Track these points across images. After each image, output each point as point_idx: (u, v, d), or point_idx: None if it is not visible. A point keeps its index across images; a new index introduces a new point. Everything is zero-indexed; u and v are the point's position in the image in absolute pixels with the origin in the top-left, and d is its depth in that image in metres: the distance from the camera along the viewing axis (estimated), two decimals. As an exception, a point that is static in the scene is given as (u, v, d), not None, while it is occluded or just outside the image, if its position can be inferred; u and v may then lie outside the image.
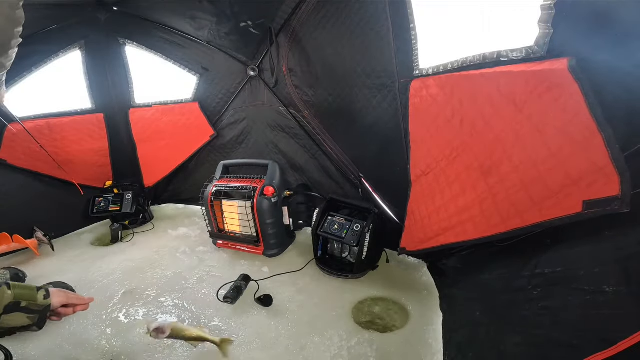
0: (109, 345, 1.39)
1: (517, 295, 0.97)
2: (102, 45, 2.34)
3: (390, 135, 1.67)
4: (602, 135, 0.75)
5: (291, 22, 1.85)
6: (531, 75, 0.93)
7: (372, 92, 1.69)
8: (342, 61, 1.75)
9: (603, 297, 0.72)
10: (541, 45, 0.91)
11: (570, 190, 0.84)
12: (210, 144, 2.53)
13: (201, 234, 2.39)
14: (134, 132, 2.62)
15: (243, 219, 1.98)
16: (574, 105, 0.81)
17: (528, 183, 0.97)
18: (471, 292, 1.28)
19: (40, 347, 1.37)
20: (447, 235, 1.34)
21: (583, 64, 0.80)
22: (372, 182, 1.93)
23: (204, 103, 2.43)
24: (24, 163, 2.16)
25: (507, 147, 1.05)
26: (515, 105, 1.00)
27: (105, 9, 2.22)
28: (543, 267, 0.92)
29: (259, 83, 2.20)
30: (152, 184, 2.72)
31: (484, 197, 1.15)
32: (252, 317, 1.53)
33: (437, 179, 1.41)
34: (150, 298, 1.69)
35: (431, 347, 1.28)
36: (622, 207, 0.72)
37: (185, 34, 2.23)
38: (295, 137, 2.19)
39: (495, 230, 1.09)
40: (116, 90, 2.52)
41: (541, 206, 0.92)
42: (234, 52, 2.17)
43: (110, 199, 2.54)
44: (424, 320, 1.42)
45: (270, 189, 1.94)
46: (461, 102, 1.22)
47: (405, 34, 1.42)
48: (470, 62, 1.17)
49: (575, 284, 0.80)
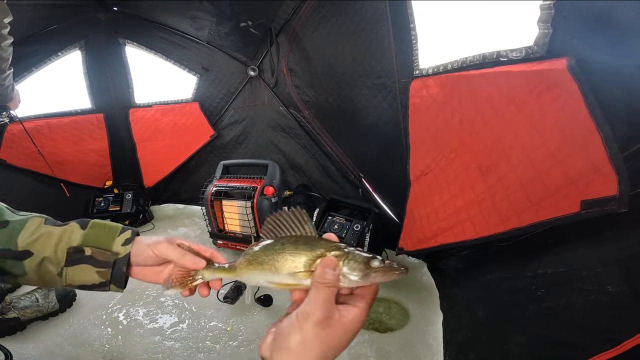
0: (109, 345, 1.39)
1: (521, 296, 0.97)
2: (102, 45, 2.34)
3: (391, 135, 1.67)
4: (601, 135, 0.75)
5: (291, 22, 1.85)
6: (531, 75, 0.93)
7: (372, 92, 1.69)
8: (342, 61, 1.75)
9: (607, 297, 0.72)
10: (541, 45, 0.91)
11: (568, 190, 0.84)
12: (210, 144, 2.53)
13: (201, 234, 2.39)
14: (134, 132, 2.62)
15: (243, 219, 1.98)
16: (573, 105, 0.81)
17: (526, 183, 0.97)
18: (472, 292, 1.28)
19: (40, 347, 1.37)
20: (446, 235, 1.34)
21: (582, 64, 0.80)
22: (372, 182, 1.93)
23: (204, 103, 2.43)
24: (24, 163, 2.16)
25: (505, 147, 1.05)
26: (514, 105, 1.00)
27: (105, 9, 2.22)
28: (545, 267, 0.92)
29: (259, 83, 2.21)
30: (152, 184, 2.72)
31: (482, 197, 1.15)
32: (252, 317, 1.53)
33: (436, 179, 1.41)
34: (150, 298, 1.69)
35: (431, 347, 1.28)
36: (619, 206, 0.72)
37: (185, 34, 2.23)
38: (295, 137, 2.19)
39: (494, 230, 1.09)
40: (116, 90, 2.52)
41: (539, 206, 0.92)
42: (234, 52, 2.17)
43: (110, 199, 2.54)
44: (424, 320, 1.42)
45: (270, 189, 1.95)
46: (461, 102, 1.22)
47: (405, 34, 1.42)
48: (470, 62, 1.17)
49: (578, 284, 0.80)
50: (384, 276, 0.42)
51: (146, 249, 0.59)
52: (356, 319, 0.40)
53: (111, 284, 0.60)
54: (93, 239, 0.59)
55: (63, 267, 0.58)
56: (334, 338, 0.38)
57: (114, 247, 0.59)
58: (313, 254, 0.45)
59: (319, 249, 0.45)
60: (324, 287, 0.40)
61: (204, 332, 1.47)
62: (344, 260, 0.43)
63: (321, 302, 0.39)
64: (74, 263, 0.58)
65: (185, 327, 1.50)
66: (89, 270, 0.58)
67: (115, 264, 0.58)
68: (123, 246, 0.59)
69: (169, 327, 1.51)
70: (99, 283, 0.59)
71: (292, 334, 0.38)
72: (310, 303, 0.39)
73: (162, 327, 1.51)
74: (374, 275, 0.42)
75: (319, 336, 0.38)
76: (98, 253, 0.58)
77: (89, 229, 0.60)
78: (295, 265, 0.45)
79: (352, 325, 0.40)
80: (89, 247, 0.58)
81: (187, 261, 0.56)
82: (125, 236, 0.60)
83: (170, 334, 1.46)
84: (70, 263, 0.58)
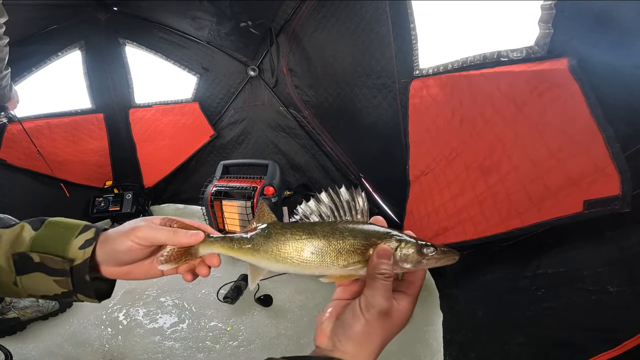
0: (109, 345, 1.39)
1: (521, 295, 0.97)
2: (102, 45, 2.34)
3: (390, 135, 1.67)
4: (603, 135, 0.75)
5: (291, 22, 1.85)
6: (531, 75, 0.93)
7: (372, 92, 1.69)
8: (342, 61, 1.75)
9: (607, 297, 0.72)
10: (541, 45, 0.91)
11: (570, 190, 0.84)
12: (210, 144, 2.53)
13: (201, 234, 2.39)
14: (134, 132, 2.62)
15: (243, 219, 1.98)
16: (574, 105, 0.81)
17: (527, 183, 0.97)
18: (473, 292, 1.27)
19: (40, 347, 1.37)
20: (447, 235, 1.34)
21: (583, 64, 0.80)
22: (372, 182, 1.93)
23: (204, 103, 2.43)
24: (24, 163, 2.16)
25: (506, 147, 1.04)
26: (515, 105, 0.99)
27: (105, 9, 2.22)
28: (546, 267, 0.92)
29: (259, 83, 2.20)
30: (152, 184, 2.72)
31: (483, 197, 1.14)
32: (252, 317, 1.53)
33: (436, 179, 1.41)
34: (150, 298, 1.69)
35: (431, 347, 1.28)
36: (622, 206, 0.72)
37: (185, 34, 2.23)
38: (295, 137, 2.19)
39: (495, 231, 1.09)
40: (116, 90, 2.52)
41: (540, 206, 0.92)
42: (234, 52, 2.17)
43: (110, 199, 2.54)
44: (424, 320, 1.42)
45: (270, 189, 1.94)
46: (461, 102, 1.22)
47: (405, 34, 1.42)
48: (470, 62, 1.17)
49: (579, 284, 0.80)
50: (437, 262, 0.43)
51: (122, 242, 0.47)
52: (409, 306, 0.42)
53: (78, 294, 0.49)
54: (43, 242, 0.47)
55: (16, 276, 0.47)
56: (393, 325, 0.41)
57: (70, 252, 0.47)
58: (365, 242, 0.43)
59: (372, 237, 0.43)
60: (383, 278, 0.41)
61: (204, 332, 1.47)
62: (398, 248, 0.43)
63: (382, 292, 0.40)
64: (25, 272, 0.47)
65: (185, 327, 1.50)
66: (45, 279, 0.47)
67: (73, 272, 0.47)
68: (81, 249, 0.47)
69: (169, 327, 1.51)
70: (62, 293, 0.48)
71: (357, 324, 0.40)
72: (372, 295, 0.40)
73: (162, 327, 1.51)
74: (426, 262, 0.43)
75: (382, 325, 0.40)
76: (48, 259, 0.46)
77: (42, 230, 0.49)
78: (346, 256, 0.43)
79: (407, 312, 0.42)
80: (36, 253, 0.47)
81: (182, 237, 0.47)
82: (85, 236, 0.48)
83: (170, 334, 1.46)
84: (20, 272, 0.47)
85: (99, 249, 0.48)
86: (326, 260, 0.43)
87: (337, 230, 0.44)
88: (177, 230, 0.48)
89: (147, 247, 0.48)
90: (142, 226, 0.47)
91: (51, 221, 0.50)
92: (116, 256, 0.49)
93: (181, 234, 0.47)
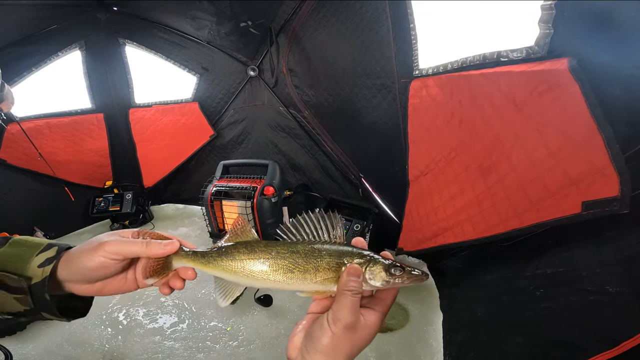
0: (109, 345, 1.39)
1: (520, 296, 0.97)
2: (102, 45, 2.34)
3: (390, 135, 1.67)
4: (602, 136, 0.75)
5: (291, 22, 1.85)
6: (531, 75, 0.93)
7: (372, 92, 1.69)
8: (342, 61, 1.75)
9: (606, 297, 0.72)
10: (541, 46, 0.91)
11: (569, 190, 0.84)
12: (210, 144, 2.53)
13: (201, 234, 2.39)
14: (133, 132, 2.62)
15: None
16: (574, 105, 0.81)
17: (526, 183, 0.97)
18: (472, 292, 1.27)
19: (40, 347, 1.37)
20: (446, 235, 1.33)
21: (583, 64, 0.80)
22: (372, 182, 1.93)
23: (204, 103, 2.43)
24: (24, 163, 2.16)
25: (506, 147, 1.04)
26: (515, 105, 0.99)
27: (105, 9, 2.22)
28: (545, 268, 0.92)
29: (259, 83, 2.20)
30: (152, 184, 2.72)
31: (482, 197, 1.14)
32: (252, 317, 1.53)
33: (435, 179, 1.41)
34: (150, 298, 1.69)
35: (431, 347, 1.28)
36: (621, 207, 0.71)
37: (185, 34, 2.23)
38: (295, 137, 2.19)
39: (495, 231, 1.09)
40: (116, 90, 2.53)
41: (539, 207, 0.92)
42: (234, 52, 2.17)
43: (110, 199, 2.54)
44: (424, 320, 1.42)
45: (270, 189, 1.94)
46: (461, 102, 1.22)
47: (405, 34, 1.42)
48: (470, 62, 1.17)
49: (578, 284, 0.80)
50: (405, 282, 0.45)
51: (91, 258, 0.46)
52: (377, 321, 0.44)
53: (42, 313, 0.49)
54: (3, 260, 0.48)
55: None
56: (359, 339, 0.43)
57: (29, 270, 0.47)
58: (339, 261, 0.46)
59: (345, 257, 0.46)
60: (350, 295, 0.43)
61: (204, 332, 1.47)
62: (367, 267, 0.45)
63: (348, 307, 0.42)
64: None
65: (185, 327, 1.50)
66: (6, 296, 0.47)
67: (32, 290, 0.46)
68: (40, 267, 0.47)
69: (169, 327, 1.51)
70: (25, 311, 0.48)
71: (324, 337, 0.42)
72: (339, 309, 0.42)
73: (162, 327, 1.51)
74: (393, 282, 0.45)
75: (348, 338, 0.42)
76: (6, 278, 0.47)
77: (5, 248, 0.50)
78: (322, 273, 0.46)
79: (374, 327, 0.44)
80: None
81: (156, 248, 0.48)
82: (46, 255, 0.48)
83: (170, 334, 1.46)
84: None
85: (62, 267, 0.48)
86: (306, 276, 0.47)
87: (316, 249, 0.47)
88: (150, 241, 0.48)
89: (120, 261, 0.48)
90: (111, 241, 0.47)
91: (15, 240, 0.51)
92: (86, 273, 0.48)
93: (154, 245, 0.48)
